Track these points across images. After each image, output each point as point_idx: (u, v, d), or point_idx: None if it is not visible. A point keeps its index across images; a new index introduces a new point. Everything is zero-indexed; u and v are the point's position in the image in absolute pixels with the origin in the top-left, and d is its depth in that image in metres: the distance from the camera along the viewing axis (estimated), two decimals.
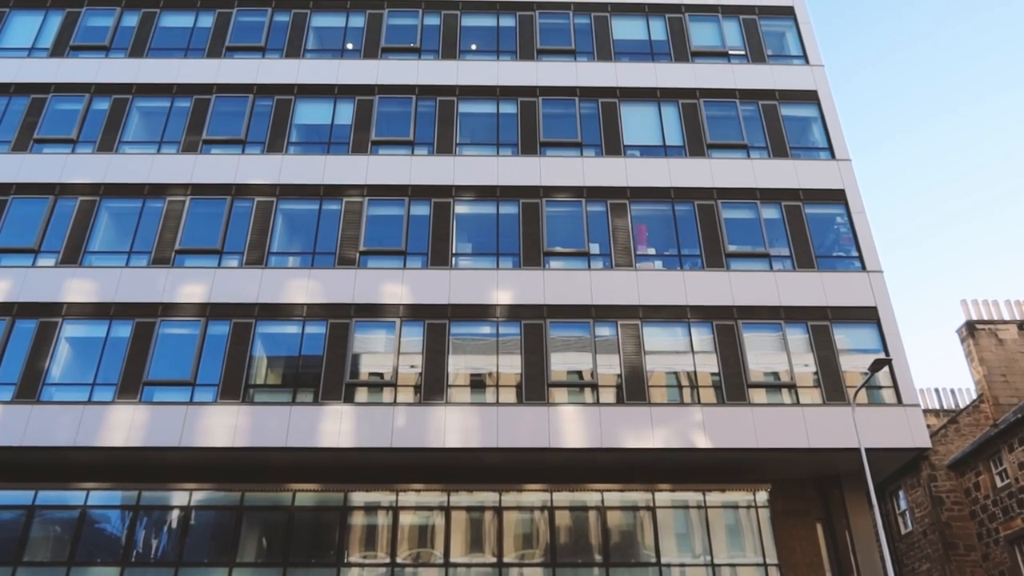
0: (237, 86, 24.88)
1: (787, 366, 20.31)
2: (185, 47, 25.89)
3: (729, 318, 20.88)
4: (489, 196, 22.85)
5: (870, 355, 20.45)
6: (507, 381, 20.08)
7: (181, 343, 20.34)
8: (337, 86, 24.91)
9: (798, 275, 21.61)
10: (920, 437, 19.22)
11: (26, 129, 24.00)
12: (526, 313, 20.82)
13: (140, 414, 19.10)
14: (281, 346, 20.71)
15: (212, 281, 21.15)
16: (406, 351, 20.35)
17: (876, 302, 21.13)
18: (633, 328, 20.66)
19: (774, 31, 26.86)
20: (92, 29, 26.25)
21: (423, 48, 25.97)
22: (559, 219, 22.55)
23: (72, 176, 23.02)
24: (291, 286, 21.13)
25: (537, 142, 23.85)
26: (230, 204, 22.59)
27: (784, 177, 23.32)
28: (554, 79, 25.09)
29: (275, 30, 26.26)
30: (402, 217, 22.36)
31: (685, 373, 20.42)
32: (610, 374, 20.16)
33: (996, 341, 30.17)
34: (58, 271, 21.36)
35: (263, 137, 23.90)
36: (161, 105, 24.69)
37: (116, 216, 22.69)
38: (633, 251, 21.97)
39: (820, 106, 24.85)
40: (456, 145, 23.84)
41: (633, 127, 24.36)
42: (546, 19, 26.61)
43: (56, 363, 20.24)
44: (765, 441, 19.04)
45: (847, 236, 22.53)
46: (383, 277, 21.32)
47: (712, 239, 22.17)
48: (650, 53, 26.01)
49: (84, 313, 20.79)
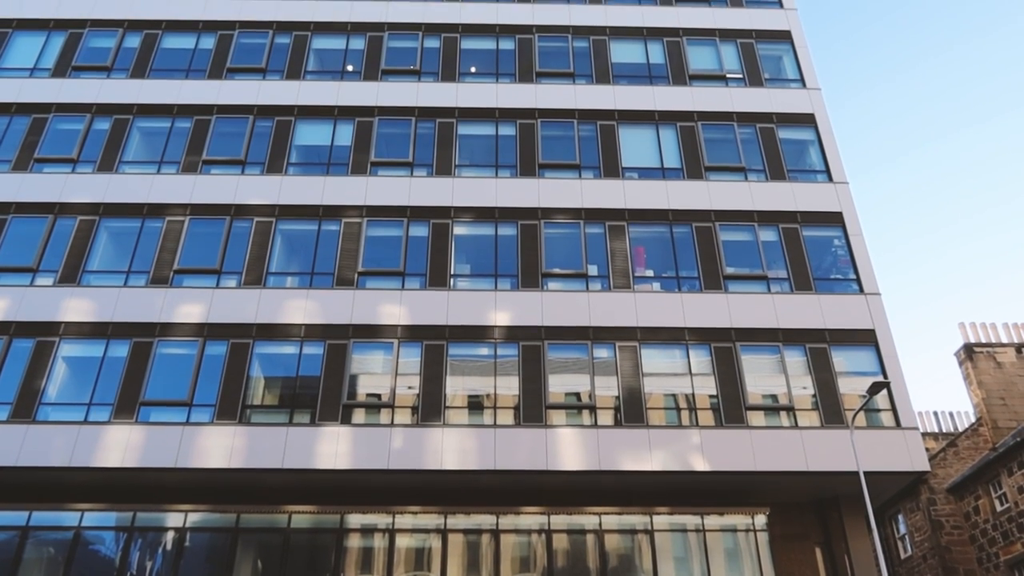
0: (237, 107, 25.01)
1: (785, 389, 20.28)
2: (186, 68, 26.06)
3: (727, 340, 20.88)
4: (488, 217, 22.91)
5: (868, 378, 20.44)
6: (505, 403, 20.03)
7: (178, 363, 20.29)
8: (337, 107, 25.06)
9: (796, 297, 21.63)
10: (919, 460, 19.16)
11: (27, 148, 24.09)
12: (524, 335, 20.82)
13: (136, 434, 19.02)
14: (278, 366, 20.67)
15: (210, 301, 21.14)
16: (404, 372, 20.31)
17: (874, 324, 21.14)
18: (631, 350, 20.65)
19: (771, 55, 27.08)
20: (94, 50, 26.43)
21: (423, 70, 26.15)
22: (557, 241, 22.60)
23: (72, 195, 23.08)
24: (289, 306, 21.12)
25: (536, 164, 23.96)
26: (229, 224, 22.63)
27: (782, 199, 23.41)
28: (553, 102, 25.25)
29: (276, 52, 26.44)
30: (401, 238, 22.40)
31: (683, 395, 20.38)
32: (608, 396, 20.12)
33: (994, 364, 30.15)
34: (56, 290, 21.35)
35: (263, 158, 24.00)
36: (162, 125, 24.81)
37: (115, 235, 22.72)
38: (631, 273, 22.00)
39: (817, 129, 25.00)
40: (455, 167, 23.93)
41: (631, 149, 24.48)
42: (545, 42, 26.82)
43: (52, 382, 20.17)
44: (763, 464, 18.97)
45: (845, 258, 22.59)
46: (381, 298, 21.33)
47: (710, 261, 22.21)
48: (648, 76, 26.19)
49: (81, 332, 20.75)
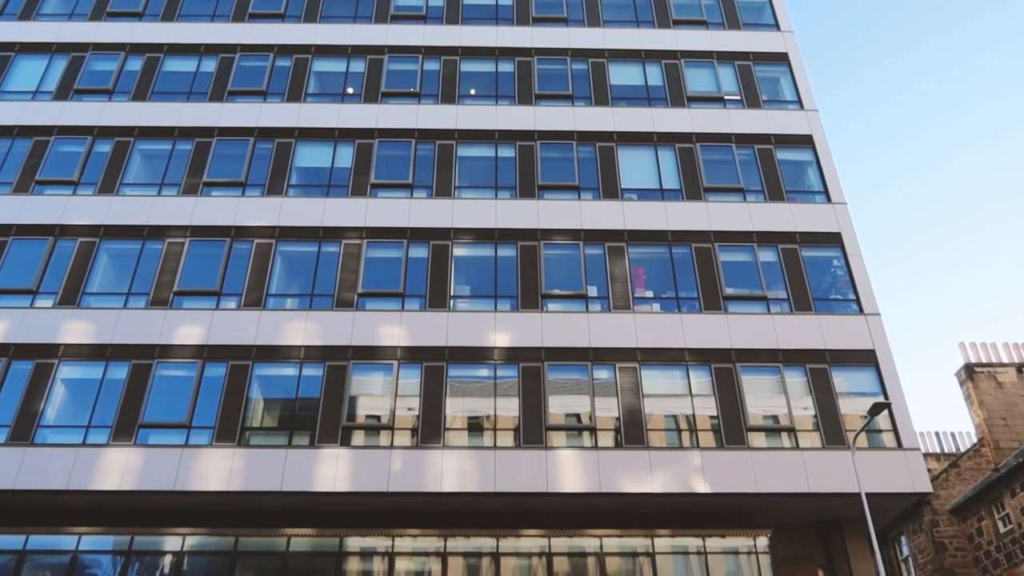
0: (238, 129, 25.14)
1: (786, 409, 20.22)
2: (188, 91, 26.22)
3: (727, 361, 20.84)
4: (487, 239, 22.95)
5: (869, 398, 20.39)
6: (505, 424, 19.96)
7: (177, 385, 20.24)
8: (337, 130, 25.18)
9: (796, 318, 21.62)
10: (921, 481, 19.07)
11: (28, 171, 24.18)
12: (524, 356, 20.78)
13: (134, 457, 18.93)
14: (278, 388, 20.61)
15: (210, 323, 21.13)
16: (403, 393, 20.26)
17: (874, 345, 21.11)
18: (631, 371, 20.61)
19: (769, 77, 27.26)
20: (96, 73, 26.60)
21: (423, 93, 26.31)
22: (557, 262, 22.63)
23: (72, 218, 23.13)
24: (289, 328, 21.10)
25: (535, 185, 24.04)
26: (229, 246, 22.67)
27: (780, 220, 23.47)
28: (552, 123, 25.39)
29: (277, 75, 26.62)
30: (400, 259, 22.43)
31: (684, 416, 20.32)
32: (608, 417, 20.06)
33: (995, 384, 30.09)
34: (56, 312, 21.34)
35: (263, 180, 24.08)
36: (163, 148, 24.92)
37: (115, 257, 22.75)
38: (631, 294, 22.00)
39: (815, 150, 25.11)
40: (455, 188, 24.02)
41: (630, 171, 24.58)
42: (544, 65, 27.01)
43: (51, 405, 20.11)
44: (765, 485, 18.87)
45: (844, 279, 22.61)
46: (381, 319, 21.31)
47: (710, 282, 22.22)
48: (647, 98, 26.35)
49: (81, 355, 20.72)
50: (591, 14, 28.48)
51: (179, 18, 28.08)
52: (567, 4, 28.71)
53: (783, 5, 28.86)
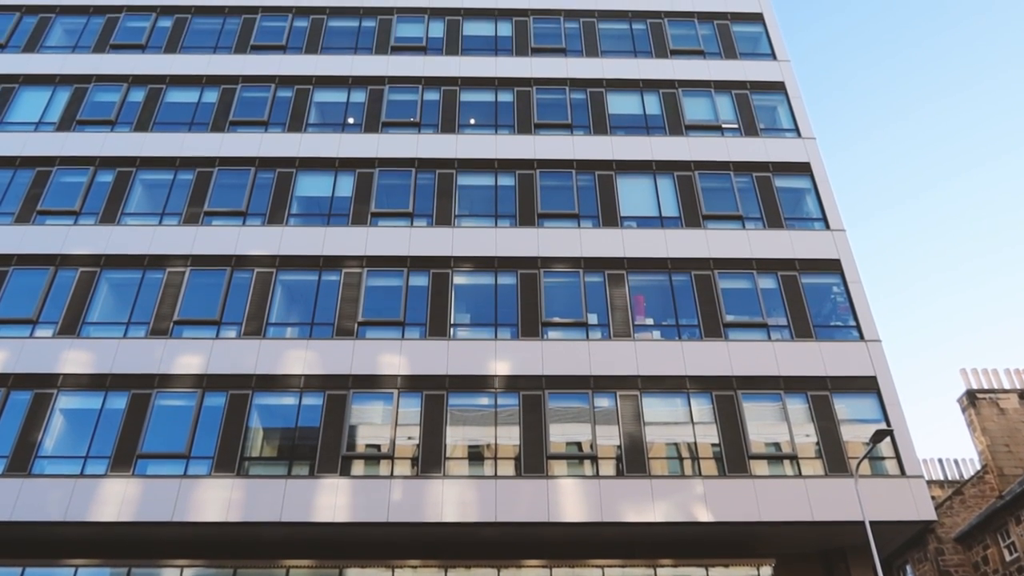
0: (239, 159, 25.29)
1: (788, 437, 20.13)
2: (189, 121, 26.42)
3: (728, 388, 20.78)
4: (487, 267, 23.00)
5: (871, 425, 20.30)
6: (505, 453, 19.85)
7: (177, 415, 20.16)
8: (338, 159, 25.34)
9: (796, 345, 21.60)
10: (925, 509, 18.92)
11: (30, 201, 24.28)
12: (524, 384, 20.73)
13: (133, 488, 18.80)
14: (277, 418, 20.53)
15: (210, 352, 21.10)
16: (404, 423, 20.18)
17: (875, 371, 21.08)
18: (632, 399, 20.54)
19: (766, 105, 27.50)
20: (99, 104, 26.81)
21: (423, 122, 26.51)
22: (557, 290, 22.65)
23: (73, 247, 23.19)
24: (289, 357, 21.06)
25: (535, 214, 24.14)
26: (229, 275, 22.70)
27: (780, 247, 23.54)
28: (551, 152, 25.55)
29: (278, 105, 26.84)
30: (401, 288, 22.45)
31: (685, 444, 20.22)
32: (609, 445, 19.96)
33: (997, 410, 29.98)
34: (55, 342, 21.31)
35: (264, 209, 24.18)
36: (164, 178, 25.05)
37: (116, 287, 22.77)
38: (631, 321, 22.00)
39: (813, 177, 25.26)
40: (455, 217, 24.11)
41: (629, 199, 24.69)
42: (543, 95, 27.25)
43: (49, 435, 20.01)
44: (768, 514, 18.73)
45: (844, 305, 22.63)
46: (381, 348, 21.29)
47: (710, 309, 22.23)
48: (645, 127, 26.55)
49: (80, 384, 20.66)
50: (589, 45, 28.79)
51: (181, 50, 28.38)
52: (566, 35, 29.04)
53: (779, 35, 29.19)
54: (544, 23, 29.41)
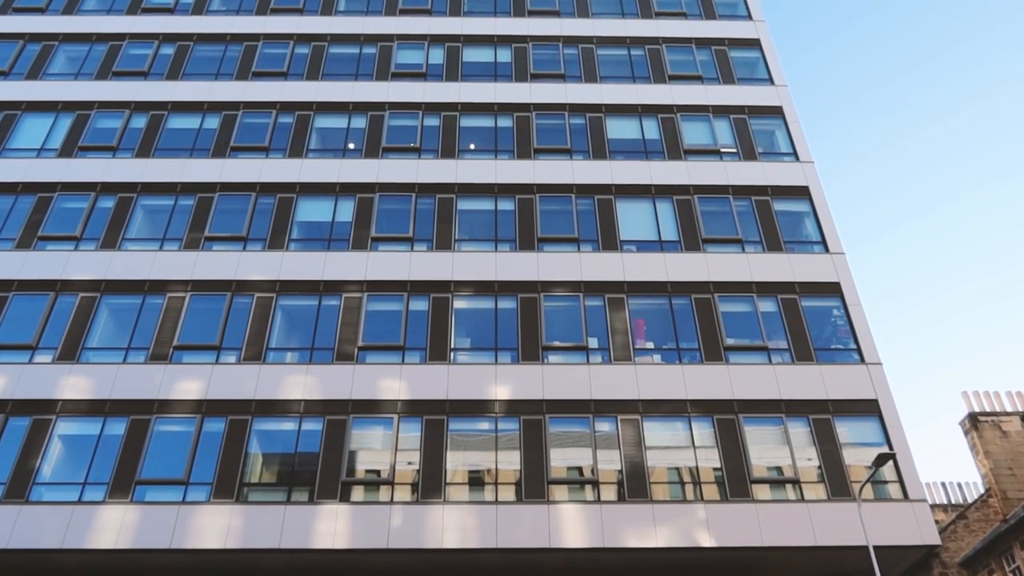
0: (240, 185, 25.40)
1: (790, 460, 20.03)
2: (191, 147, 26.57)
3: (730, 412, 20.71)
4: (487, 291, 23.01)
5: (873, 448, 20.21)
6: (506, 478, 19.74)
7: (176, 440, 20.07)
8: (338, 184, 25.44)
9: (797, 368, 21.56)
10: (929, 534, 18.79)
11: (31, 227, 24.35)
12: (525, 408, 20.66)
13: (131, 515, 18.67)
14: (277, 443, 20.44)
15: (209, 377, 21.05)
16: (404, 447, 20.08)
17: (877, 395, 21.02)
18: (633, 423, 20.47)
19: (764, 129, 27.67)
20: (101, 130, 26.98)
21: (423, 147, 26.66)
22: (557, 314, 22.65)
23: (74, 273, 23.21)
24: (288, 382, 21.01)
25: (535, 238, 24.20)
26: (230, 300, 22.71)
27: (779, 271, 23.57)
28: (551, 177, 25.67)
29: (279, 131, 27.00)
30: (401, 312, 22.45)
31: (687, 469, 20.11)
32: (611, 470, 19.85)
33: (1000, 433, 29.83)
34: (54, 367, 21.26)
35: (264, 234, 24.24)
36: (165, 203, 25.13)
37: (116, 312, 22.77)
38: (632, 345, 21.98)
39: (812, 201, 25.35)
40: (455, 241, 24.17)
41: (629, 223, 24.77)
42: (542, 120, 27.43)
43: (47, 462, 19.91)
44: (770, 539, 18.59)
45: (844, 328, 22.61)
46: (381, 372, 21.24)
47: (710, 332, 22.22)
48: (644, 151, 26.70)
49: (79, 410, 20.59)
50: (588, 70, 29.03)
51: (183, 77, 28.61)
52: (564, 61, 29.30)
53: (776, 60, 29.45)
54: (543, 49, 29.68)
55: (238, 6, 31.22)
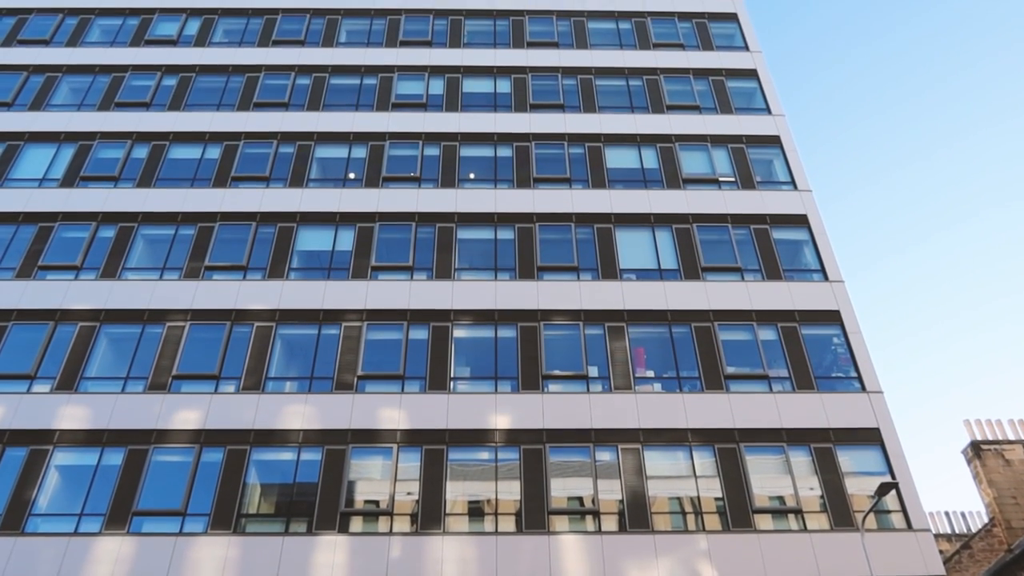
0: (241, 214, 25.49)
1: (792, 490, 19.89)
2: (192, 177, 26.70)
3: (731, 441, 20.61)
4: (487, 320, 23.00)
5: (876, 478, 20.07)
6: (506, 508, 19.59)
7: (173, 471, 19.94)
8: (339, 214, 25.54)
9: (798, 396, 21.49)
10: (933, 564, 18.61)
11: (31, 256, 24.39)
12: (525, 438, 20.55)
13: (127, 546, 18.49)
14: (275, 473, 20.30)
15: (208, 407, 20.96)
16: (403, 478, 19.94)
17: (878, 423, 20.94)
18: (634, 452, 20.35)
19: (762, 158, 27.85)
20: (103, 160, 27.13)
21: (423, 177, 26.80)
22: (557, 342, 22.62)
23: (73, 302, 23.21)
24: (287, 412, 20.92)
25: (535, 267, 24.24)
26: (229, 329, 22.68)
27: (779, 299, 23.58)
28: (550, 206, 25.78)
29: (280, 161, 27.16)
30: (400, 341, 22.42)
31: (688, 498, 19.96)
32: (612, 500, 19.70)
33: (1003, 462, 29.65)
34: (52, 397, 21.18)
35: (264, 263, 24.29)
36: (165, 233, 25.20)
37: (115, 342, 22.74)
38: (632, 374, 21.93)
39: (811, 229, 25.45)
40: (455, 270, 24.21)
41: (629, 251, 24.83)
42: (542, 149, 27.61)
43: (44, 493, 19.76)
44: (773, 570, 18.40)
45: (845, 357, 22.58)
46: (381, 402, 21.16)
47: (710, 361, 22.17)
48: (643, 180, 26.85)
49: (76, 441, 20.48)
50: (587, 100, 29.28)
51: (186, 107, 28.83)
52: (563, 91, 29.56)
53: (773, 90, 29.71)
54: (542, 80, 29.96)
55: (240, 38, 31.57)
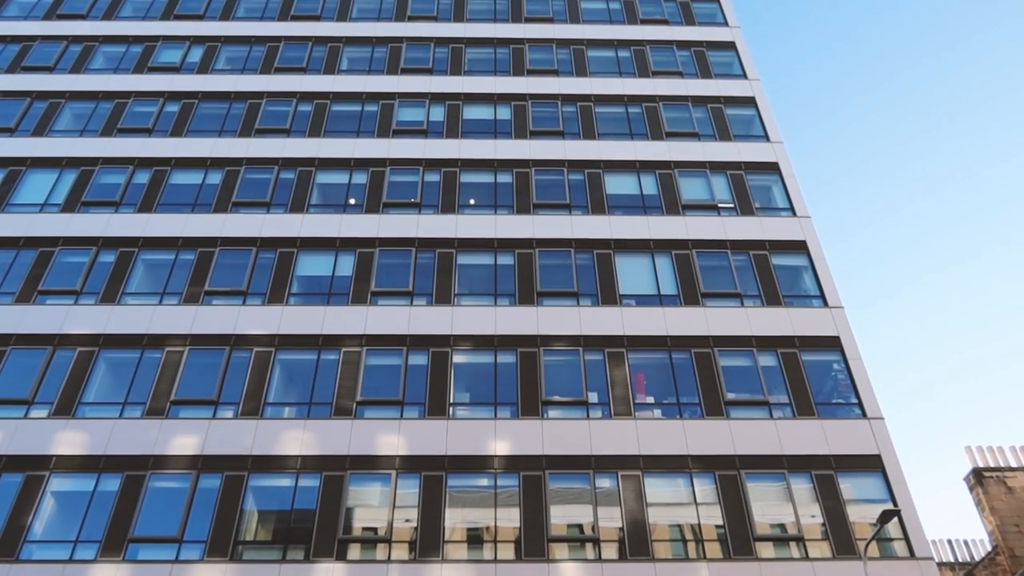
0: (241, 239, 25.54)
1: (793, 517, 19.73)
2: (193, 202, 26.79)
3: (731, 468, 20.48)
4: (487, 346, 22.96)
5: (878, 505, 19.93)
6: (505, 535, 19.42)
7: (170, 497, 19.78)
8: (339, 239, 25.59)
9: (799, 423, 21.40)
10: None
11: (31, 281, 24.39)
12: (524, 464, 20.42)
13: (122, 573, 18.31)
14: (273, 500, 20.15)
15: (206, 433, 20.85)
16: (401, 504, 19.79)
17: (880, 449, 20.83)
18: (634, 479, 20.22)
19: (760, 185, 27.97)
20: (104, 186, 27.23)
21: (423, 203, 26.90)
22: (557, 368, 22.56)
23: (72, 327, 23.17)
24: (286, 437, 20.81)
25: (534, 292, 24.25)
26: (228, 354, 22.63)
27: (779, 325, 23.57)
28: (550, 232, 25.84)
29: (280, 187, 27.26)
30: (400, 367, 22.36)
31: (689, 526, 19.80)
32: (612, 527, 19.54)
33: (1005, 489, 29.44)
34: (49, 423, 21.08)
35: (264, 288, 24.29)
36: (166, 258, 25.23)
37: (113, 367, 22.67)
38: (632, 400, 21.85)
39: (810, 255, 25.51)
40: (454, 295, 24.21)
41: (628, 277, 24.85)
42: (541, 175, 27.74)
43: (39, 519, 19.59)
44: None
45: (845, 383, 22.52)
46: (380, 427, 21.06)
47: (710, 387, 22.11)
48: (642, 206, 26.95)
49: (72, 466, 20.34)
50: (586, 127, 29.48)
51: (187, 133, 29.01)
52: (563, 118, 29.77)
53: (771, 118, 29.93)
54: (542, 107, 30.19)
55: (243, 65, 31.85)
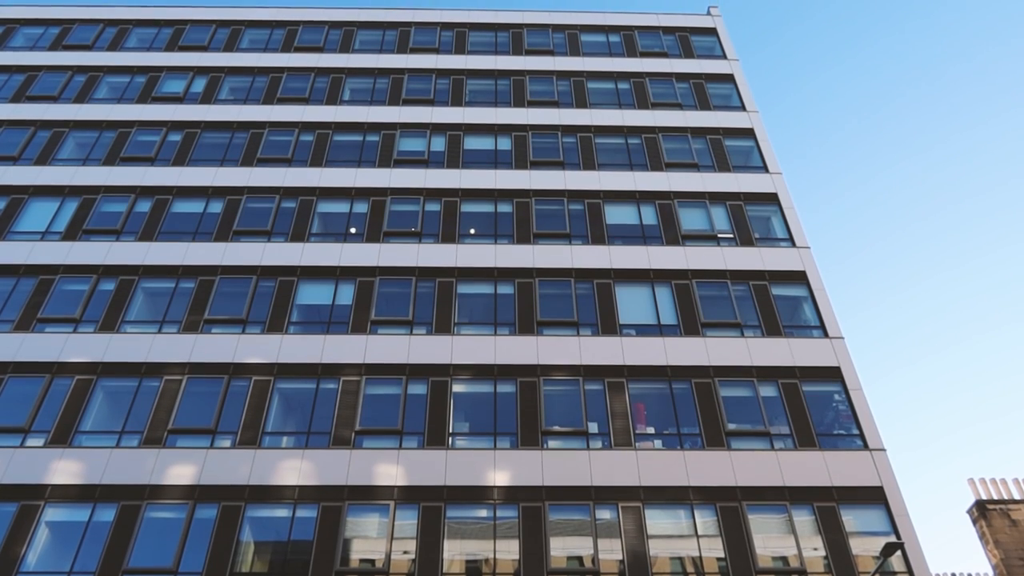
0: (241, 268, 25.56)
1: (796, 550, 19.52)
2: (194, 231, 26.85)
3: (733, 500, 20.30)
4: (487, 375, 22.88)
5: (880, 538, 19.73)
6: (504, 568, 19.19)
7: (166, 528, 19.57)
8: (339, 268, 25.62)
9: (800, 454, 21.26)
10: None
11: (30, 309, 24.35)
12: (524, 495, 20.25)
13: None
14: (270, 531, 19.94)
15: (203, 462, 20.69)
16: (400, 535, 19.58)
17: (882, 481, 20.67)
18: (635, 511, 20.03)
19: (760, 216, 28.09)
20: (105, 215, 27.31)
21: (424, 232, 26.97)
22: (557, 398, 22.46)
23: (71, 355, 23.09)
24: (283, 467, 20.65)
25: (534, 322, 24.22)
26: (227, 383, 22.53)
27: (779, 355, 23.51)
28: (550, 261, 25.88)
29: (281, 215, 27.35)
30: (399, 396, 22.26)
31: (690, 558, 19.58)
32: (612, 560, 19.31)
33: (1009, 522, 29.17)
34: (45, 452, 20.92)
35: (264, 317, 24.25)
36: (166, 286, 25.23)
37: (111, 395, 22.56)
38: (632, 430, 21.72)
39: (809, 286, 25.53)
40: (454, 325, 24.18)
41: (628, 307, 24.84)
42: (542, 205, 27.86)
43: (33, 549, 19.35)
44: None
45: (846, 414, 22.41)
46: (378, 458, 20.90)
47: (711, 418, 21.99)
48: (642, 237, 27.03)
49: (68, 496, 20.14)
50: (586, 158, 29.67)
51: (190, 162, 29.16)
52: (563, 149, 29.97)
53: (770, 149, 30.14)
54: (542, 138, 30.40)
55: (245, 95, 32.11)
